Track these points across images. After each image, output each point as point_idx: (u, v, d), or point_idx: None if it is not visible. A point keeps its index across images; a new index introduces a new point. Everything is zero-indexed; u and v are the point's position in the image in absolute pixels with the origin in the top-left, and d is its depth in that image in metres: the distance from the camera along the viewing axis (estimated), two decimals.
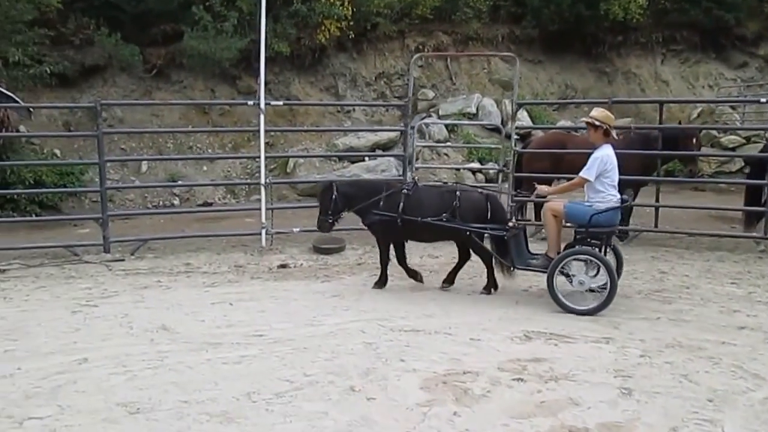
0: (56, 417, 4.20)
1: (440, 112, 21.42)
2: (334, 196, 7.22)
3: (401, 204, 6.98)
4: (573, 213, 6.58)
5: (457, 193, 7.03)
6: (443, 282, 7.40)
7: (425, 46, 23.95)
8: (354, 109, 22.85)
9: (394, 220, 6.98)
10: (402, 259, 7.49)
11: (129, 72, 20.86)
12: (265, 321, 6.27)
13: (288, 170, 19.11)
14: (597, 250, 6.49)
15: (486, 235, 7.02)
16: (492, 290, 7.18)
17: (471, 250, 7.26)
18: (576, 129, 13.08)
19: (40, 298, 7.19)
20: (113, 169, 18.37)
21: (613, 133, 6.56)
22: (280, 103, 14.37)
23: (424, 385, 4.76)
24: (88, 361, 5.16)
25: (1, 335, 5.86)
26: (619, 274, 6.67)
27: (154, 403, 4.40)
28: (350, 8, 21.48)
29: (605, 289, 6.24)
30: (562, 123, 19.73)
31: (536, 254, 6.97)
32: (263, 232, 9.73)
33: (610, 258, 6.63)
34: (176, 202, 17.47)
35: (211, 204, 17.57)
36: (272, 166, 19.60)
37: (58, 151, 17.73)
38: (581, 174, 6.50)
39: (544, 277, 6.53)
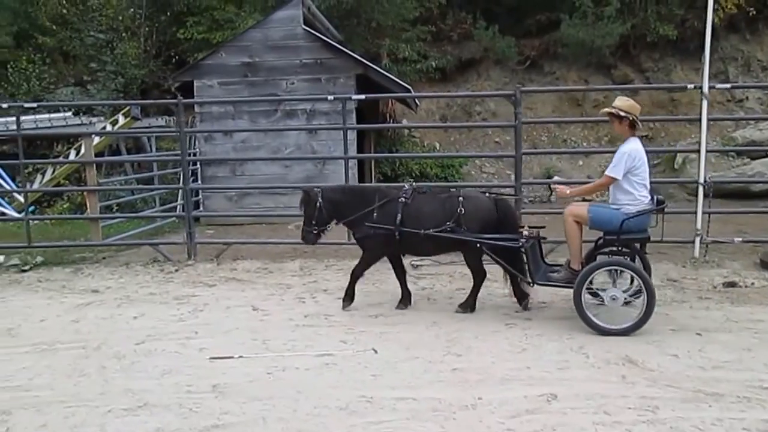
0: None
1: None
2: (319, 204, 6.20)
3: (399, 215, 5.99)
4: (600, 218, 5.61)
5: (460, 198, 6.02)
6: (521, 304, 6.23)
7: None
8: (747, 97, 19.64)
9: (390, 234, 5.97)
10: (402, 275, 6.44)
11: (502, 65, 20.50)
12: (764, 366, 4.67)
13: (676, 166, 16.89)
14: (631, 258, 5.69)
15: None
16: (469, 310, 6.15)
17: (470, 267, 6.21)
18: None
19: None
20: (488, 162, 18.14)
21: (640, 124, 5.61)
22: (727, 86, 12.19)
23: None
24: (557, 399, 4.13)
25: (444, 347, 5.19)
26: None
27: None
28: None
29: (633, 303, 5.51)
30: None
31: (556, 266, 6.11)
32: (697, 240, 8.04)
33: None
34: (554, 198, 16.53)
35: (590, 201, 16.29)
36: (656, 161, 17.59)
37: (437, 144, 18.00)
38: (607, 172, 5.62)
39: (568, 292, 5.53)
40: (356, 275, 6.33)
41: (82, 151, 14.20)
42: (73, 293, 7.48)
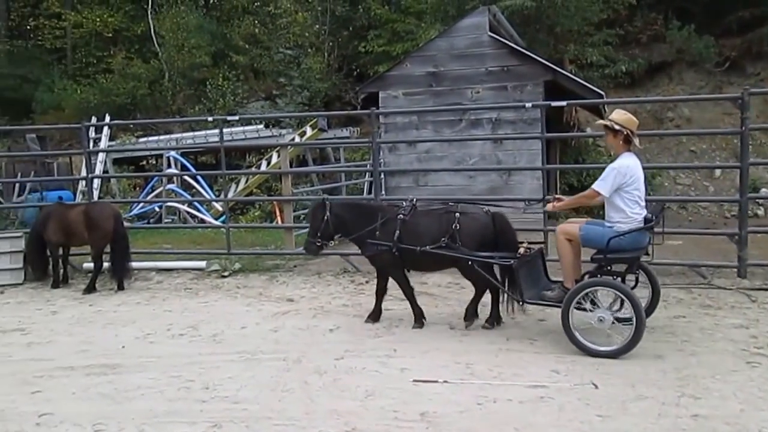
0: None
1: None
2: (325, 217, 6.30)
3: (397, 231, 6.04)
4: (589, 236, 5.42)
5: (456, 213, 5.97)
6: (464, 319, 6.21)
7: None
8: None
9: (391, 250, 6.08)
10: (382, 292, 6.52)
11: (696, 68, 18.96)
12: None
13: None
14: (620, 278, 5.47)
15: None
16: (496, 323, 6.15)
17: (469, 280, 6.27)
18: None
19: (693, 335, 5.76)
20: (683, 173, 16.76)
21: (636, 140, 5.32)
22: None
23: None
24: None
25: (676, 386, 4.57)
26: (654, 305, 5.77)
27: None
28: None
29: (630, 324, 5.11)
30: None
31: (554, 283, 5.83)
32: None
33: (643, 287, 5.73)
34: (760, 212, 14.89)
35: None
36: None
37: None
38: (593, 186, 5.37)
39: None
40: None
41: (273, 161, 14.85)
42: (269, 301, 7.63)
